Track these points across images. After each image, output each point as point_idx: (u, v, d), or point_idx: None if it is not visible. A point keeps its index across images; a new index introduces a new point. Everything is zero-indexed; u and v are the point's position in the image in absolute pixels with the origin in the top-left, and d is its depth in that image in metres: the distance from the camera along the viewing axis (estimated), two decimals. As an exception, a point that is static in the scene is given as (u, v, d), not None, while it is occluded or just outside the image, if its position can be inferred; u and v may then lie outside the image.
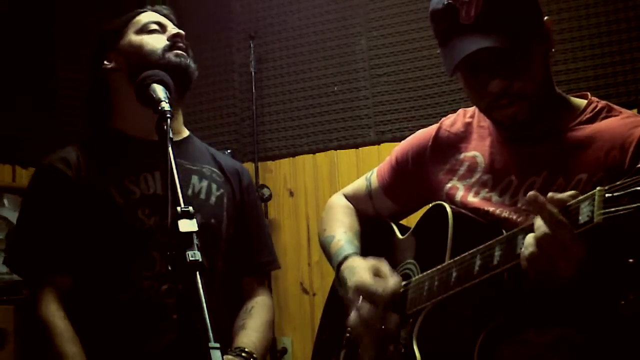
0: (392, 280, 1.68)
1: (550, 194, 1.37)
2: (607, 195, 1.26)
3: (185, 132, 2.10)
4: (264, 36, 4.04)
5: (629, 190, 1.22)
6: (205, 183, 1.99)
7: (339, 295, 1.85)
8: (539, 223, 1.36)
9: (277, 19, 4.06)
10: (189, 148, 2.05)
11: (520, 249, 1.41)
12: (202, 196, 1.97)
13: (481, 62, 1.58)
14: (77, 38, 3.72)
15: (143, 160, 1.94)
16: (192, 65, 1.99)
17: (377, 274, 1.71)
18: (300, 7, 4.01)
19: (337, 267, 1.85)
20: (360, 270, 1.74)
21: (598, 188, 1.29)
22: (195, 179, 1.99)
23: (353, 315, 1.70)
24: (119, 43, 2.02)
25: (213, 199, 1.99)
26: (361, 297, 1.69)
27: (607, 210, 1.25)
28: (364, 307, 1.68)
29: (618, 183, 1.25)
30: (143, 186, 1.92)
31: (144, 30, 2.02)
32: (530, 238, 1.37)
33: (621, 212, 1.23)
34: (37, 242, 1.90)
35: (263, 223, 2.20)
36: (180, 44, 2.00)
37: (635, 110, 3.22)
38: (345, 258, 1.83)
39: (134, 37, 2.01)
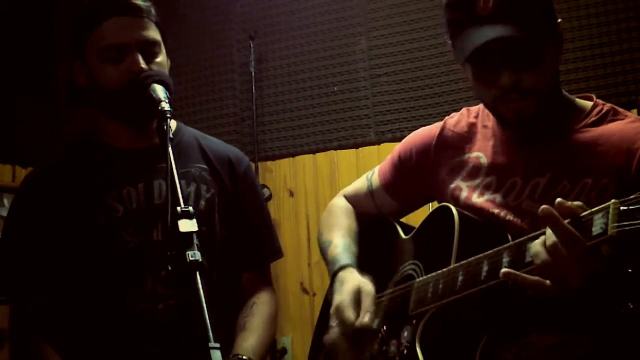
0: (366, 315, 1.68)
1: (559, 200, 1.36)
2: (622, 208, 1.26)
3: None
4: (264, 36, 4.04)
5: None
6: (193, 187, 1.92)
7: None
8: (550, 232, 1.36)
9: (277, 19, 4.05)
10: (177, 147, 1.90)
11: (530, 257, 1.41)
12: (191, 202, 1.89)
13: (494, 53, 1.57)
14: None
15: (126, 173, 1.88)
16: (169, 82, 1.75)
17: (357, 299, 1.71)
18: (300, 7, 4.01)
19: (332, 276, 1.84)
20: (345, 290, 1.73)
21: (612, 200, 1.28)
22: (182, 183, 1.87)
23: (330, 332, 1.75)
24: (83, 56, 1.86)
25: (203, 202, 1.92)
26: (336, 319, 1.72)
27: (621, 224, 1.25)
28: (337, 330, 1.72)
29: (633, 197, 1.25)
30: (126, 202, 1.86)
31: (104, 56, 1.82)
32: (540, 245, 1.37)
33: (636, 227, 1.23)
34: (12, 263, 1.89)
35: (262, 213, 2.09)
36: (144, 78, 1.72)
37: (635, 111, 3.22)
38: (340, 269, 1.82)
39: (94, 63, 1.84)
